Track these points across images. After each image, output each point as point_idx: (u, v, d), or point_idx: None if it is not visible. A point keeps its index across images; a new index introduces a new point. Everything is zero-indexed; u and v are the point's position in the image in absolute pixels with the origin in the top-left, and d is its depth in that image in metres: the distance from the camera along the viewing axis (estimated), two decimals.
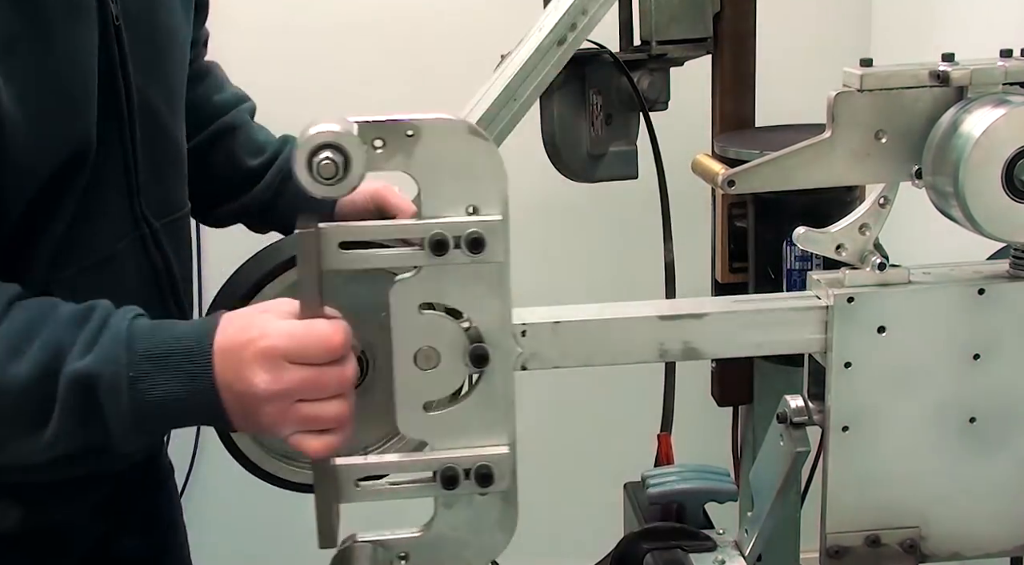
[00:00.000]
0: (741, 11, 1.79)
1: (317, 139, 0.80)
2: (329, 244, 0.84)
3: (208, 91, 1.29)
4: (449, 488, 0.89)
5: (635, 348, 0.91)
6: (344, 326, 0.86)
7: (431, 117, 0.84)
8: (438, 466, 0.89)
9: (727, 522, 1.07)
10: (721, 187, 0.91)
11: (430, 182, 0.84)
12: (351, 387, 0.87)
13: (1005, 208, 0.84)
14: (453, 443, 0.89)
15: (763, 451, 1.00)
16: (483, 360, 0.87)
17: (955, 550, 0.94)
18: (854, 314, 0.89)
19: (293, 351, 0.84)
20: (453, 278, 0.86)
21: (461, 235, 0.84)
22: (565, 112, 1.77)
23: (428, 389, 0.88)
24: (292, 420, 0.85)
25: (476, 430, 0.89)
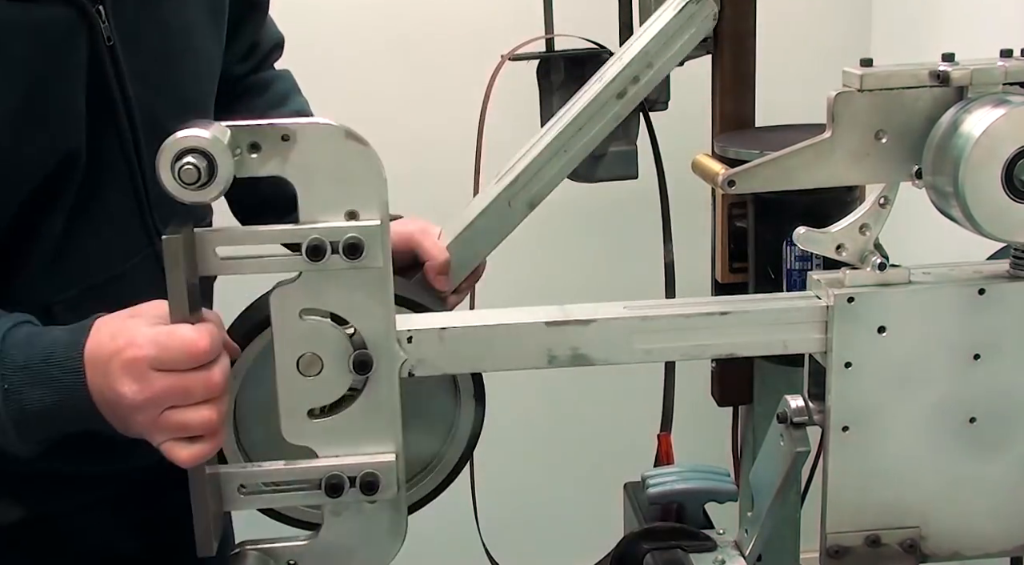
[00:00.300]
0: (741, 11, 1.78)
1: (180, 144, 0.79)
2: (206, 249, 0.84)
3: (265, 105, 1.28)
4: (333, 496, 0.88)
5: (523, 354, 0.91)
6: (210, 330, 0.85)
7: (306, 121, 0.84)
8: (323, 474, 0.88)
9: (727, 522, 1.07)
10: (721, 187, 0.91)
11: (307, 187, 0.84)
12: (220, 392, 0.85)
13: (1005, 208, 0.84)
14: (338, 451, 0.88)
15: (763, 451, 1.00)
16: (366, 367, 0.87)
17: (955, 550, 0.94)
18: (854, 314, 0.89)
19: (157, 359, 0.83)
20: (333, 284, 0.85)
21: (339, 240, 0.84)
22: None
23: (312, 396, 0.88)
24: (162, 428, 0.84)
25: (361, 438, 0.89)
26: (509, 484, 2.19)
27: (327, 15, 2.20)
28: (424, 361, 0.89)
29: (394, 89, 2.23)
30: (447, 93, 2.19)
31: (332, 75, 2.21)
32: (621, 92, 1.01)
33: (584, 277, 2.32)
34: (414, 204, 2.31)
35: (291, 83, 1.35)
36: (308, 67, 2.19)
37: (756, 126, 1.82)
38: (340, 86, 2.21)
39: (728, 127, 1.81)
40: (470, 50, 2.07)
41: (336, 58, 2.21)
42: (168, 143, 0.79)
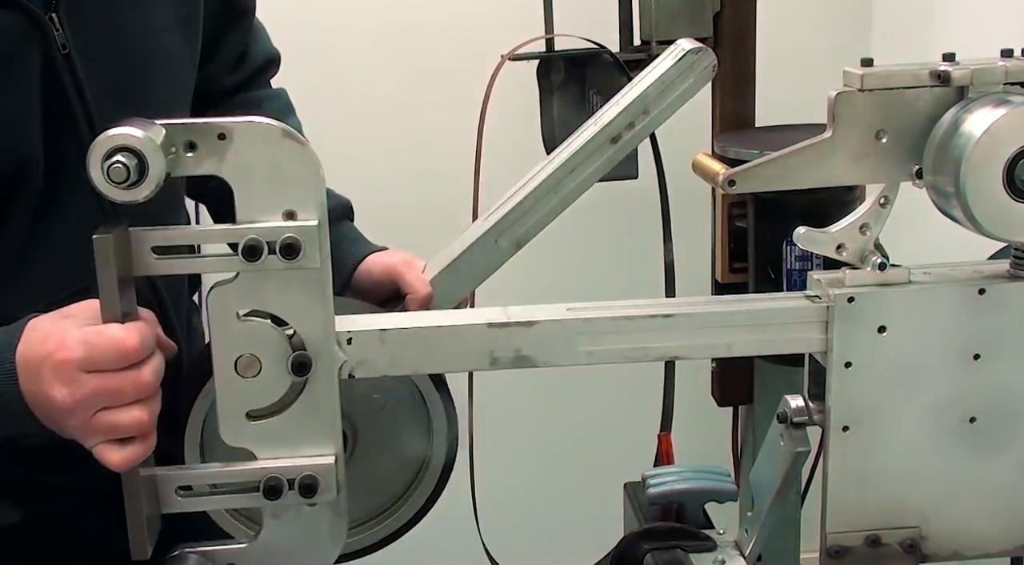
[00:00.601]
0: (741, 11, 1.79)
1: (110, 142, 0.79)
2: (142, 248, 0.83)
3: None
4: (272, 498, 0.87)
5: (465, 356, 0.90)
6: (140, 328, 0.84)
7: (243, 119, 0.83)
8: (261, 476, 0.87)
9: (727, 522, 1.07)
10: (721, 187, 0.90)
11: (244, 186, 0.83)
12: (151, 392, 0.85)
13: (1006, 208, 0.84)
14: (277, 453, 0.88)
15: (763, 451, 1.00)
16: (304, 368, 0.86)
17: (955, 550, 0.94)
18: (854, 314, 0.89)
19: (87, 359, 0.82)
20: (271, 284, 0.85)
21: (276, 241, 0.83)
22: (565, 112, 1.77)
23: (250, 397, 0.87)
24: (93, 430, 0.84)
25: (300, 440, 0.88)
26: (509, 484, 2.19)
27: (327, 15, 2.21)
28: (364, 363, 0.88)
29: (394, 89, 2.24)
30: (447, 93, 2.19)
31: (332, 75, 2.21)
32: (616, 137, 1.01)
33: (584, 277, 2.32)
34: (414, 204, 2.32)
35: (284, 103, 1.32)
36: (308, 68, 2.19)
37: (756, 126, 1.83)
38: (340, 86, 2.21)
39: (728, 127, 1.81)
40: (470, 50, 2.07)
41: (336, 58, 2.21)
42: (98, 141, 0.79)
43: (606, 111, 1.02)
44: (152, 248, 0.84)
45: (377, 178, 2.24)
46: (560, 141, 1.77)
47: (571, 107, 1.77)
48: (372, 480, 1.02)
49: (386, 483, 1.04)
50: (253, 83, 1.27)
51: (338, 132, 2.18)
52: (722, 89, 1.82)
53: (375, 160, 2.22)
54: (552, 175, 1.02)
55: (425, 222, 2.22)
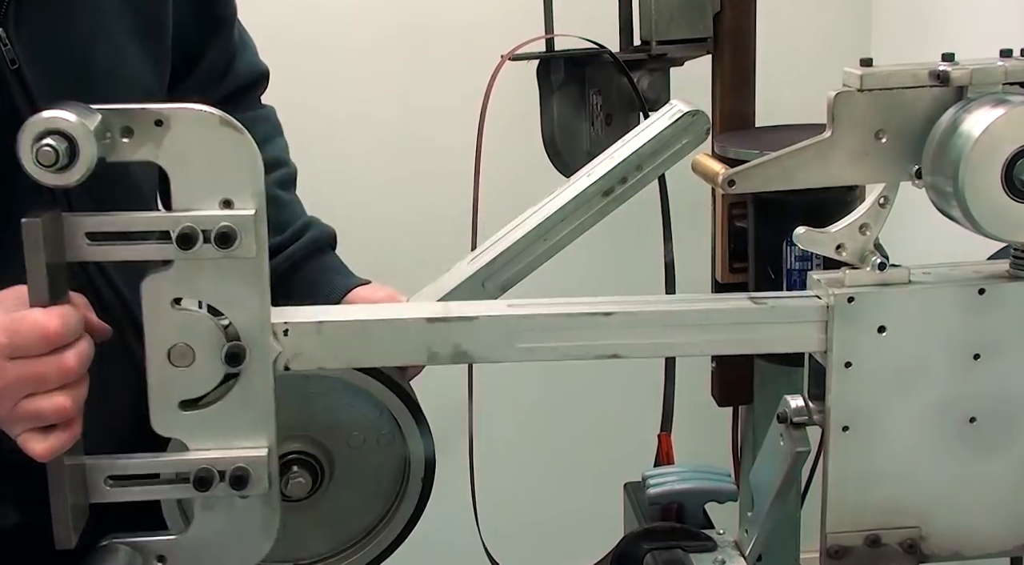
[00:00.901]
0: (741, 11, 1.79)
1: (41, 125, 0.78)
2: (74, 234, 0.82)
3: None
4: (202, 490, 0.87)
5: (403, 350, 0.89)
6: (63, 312, 0.82)
7: (180, 106, 0.82)
8: (192, 467, 0.86)
9: (727, 522, 1.07)
10: (721, 187, 0.90)
11: (181, 173, 0.83)
12: (76, 377, 0.83)
13: (1005, 208, 0.84)
14: (209, 444, 0.87)
15: (763, 451, 1.00)
16: (238, 359, 0.85)
17: (955, 550, 0.94)
18: (854, 314, 0.89)
19: (9, 345, 0.81)
20: (206, 273, 0.84)
21: (211, 229, 0.82)
22: (565, 112, 1.77)
23: (183, 387, 0.86)
24: (18, 419, 0.82)
25: (233, 431, 0.87)
26: (509, 484, 2.19)
27: (327, 15, 2.21)
28: (301, 355, 0.88)
29: (394, 89, 2.24)
30: (447, 93, 2.19)
31: (332, 75, 2.21)
32: (608, 190, 1.01)
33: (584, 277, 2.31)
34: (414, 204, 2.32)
35: (271, 126, 1.28)
36: (308, 68, 2.19)
37: (756, 126, 1.83)
38: (340, 86, 2.22)
39: (728, 127, 1.81)
40: (470, 50, 2.07)
41: (336, 58, 2.21)
42: (29, 123, 0.78)
43: (599, 164, 1.02)
44: (85, 234, 0.83)
45: (377, 178, 2.24)
46: (560, 141, 1.78)
47: (571, 107, 1.77)
48: (332, 520, 1.02)
49: (366, 509, 1.03)
50: (241, 100, 1.24)
51: (338, 132, 2.18)
52: (722, 89, 1.82)
53: (375, 160, 2.22)
54: (542, 223, 1.01)
55: (425, 222, 2.22)
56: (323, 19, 2.20)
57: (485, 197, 1.44)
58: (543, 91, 1.78)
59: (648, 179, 1.02)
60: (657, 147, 1.01)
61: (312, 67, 2.19)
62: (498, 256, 1.01)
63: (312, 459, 0.97)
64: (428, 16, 2.22)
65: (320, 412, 0.98)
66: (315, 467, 0.98)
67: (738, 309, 0.90)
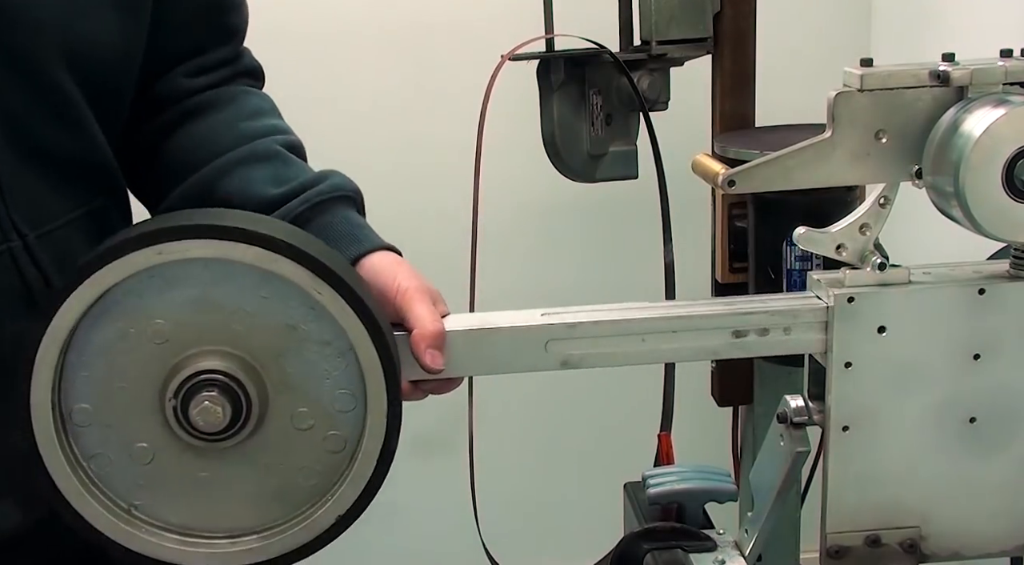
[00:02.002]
0: (741, 11, 1.79)
1: None
2: None
3: (228, 121, 1.09)
4: None
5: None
6: None
7: None
8: None
9: (727, 522, 1.07)
10: (721, 187, 0.90)
11: None
12: None
13: (1005, 208, 0.84)
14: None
15: (763, 451, 1.00)
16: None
17: (955, 550, 0.94)
18: (854, 314, 0.89)
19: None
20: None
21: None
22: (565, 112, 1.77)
23: None
24: None
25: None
26: (509, 484, 2.19)
27: (327, 15, 2.20)
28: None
29: (394, 89, 2.23)
30: (447, 93, 2.19)
31: (332, 75, 2.21)
32: (742, 332, 0.90)
33: (583, 277, 2.32)
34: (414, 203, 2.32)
35: (269, 103, 1.15)
36: (308, 68, 2.19)
37: (756, 126, 1.83)
38: (340, 86, 2.21)
39: (728, 127, 1.81)
40: (470, 50, 2.07)
41: (336, 58, 2.21)
42: None
43: (745, 304, 0.92)
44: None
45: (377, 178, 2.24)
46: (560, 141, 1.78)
47: (571, 107, 1.77)
48: (269, 476, 0.87)
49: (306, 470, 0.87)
50: (212, 85, 1.12)
51: (338, 132, 2.18)
52: (722, 89, 1.82)
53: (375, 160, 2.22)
54: (649, 321, 0.90)
55: (425, 222, 2.22)
56: (323, 19, 2.20)
57: (485, 197, 1.44)
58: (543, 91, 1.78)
59: (772, 346, 0.91)
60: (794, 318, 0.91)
61: (312, 67, 2.19)
62: (578, 326, 0.90)
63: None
64: (428, 16, 2.22)
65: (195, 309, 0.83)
66: (235, 392, 0.83)
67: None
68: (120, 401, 0.84)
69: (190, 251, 0.80)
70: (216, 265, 0.81)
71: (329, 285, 0.82)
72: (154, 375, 0.83)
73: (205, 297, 0.83)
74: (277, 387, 0.84)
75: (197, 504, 0.86)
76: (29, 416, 0.82)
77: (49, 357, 0.81)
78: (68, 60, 0.95)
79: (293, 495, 0.87)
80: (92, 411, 0.84)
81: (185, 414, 0.82)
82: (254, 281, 0.82)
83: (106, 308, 0.82)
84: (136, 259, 0.80)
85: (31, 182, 0.94)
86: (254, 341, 0.83)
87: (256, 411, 0.83)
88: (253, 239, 0.81)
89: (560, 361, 0.90)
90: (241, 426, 0.83)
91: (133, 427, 0.84)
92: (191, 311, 0.82)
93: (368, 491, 0.86)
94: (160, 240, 0.80)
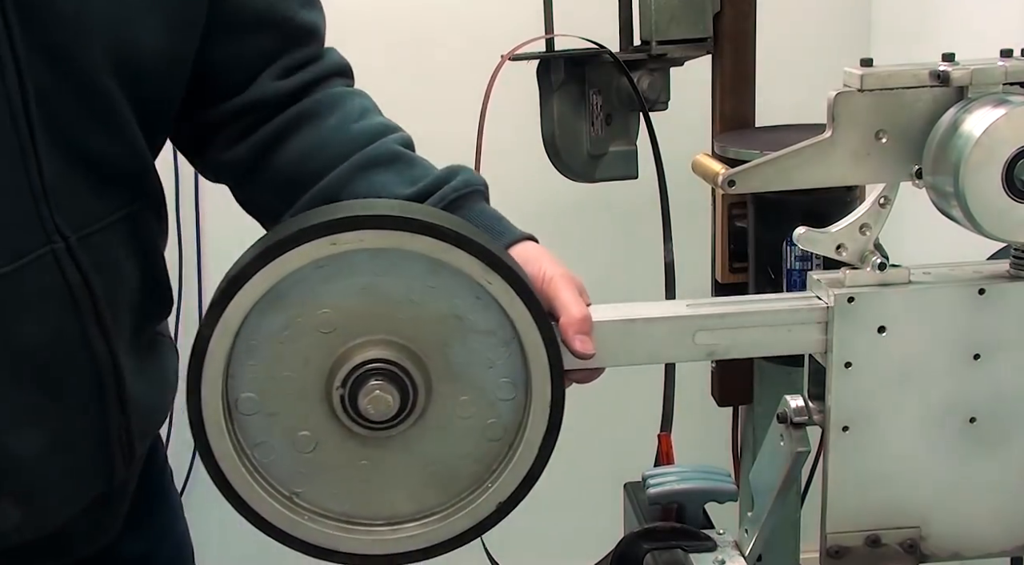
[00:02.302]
0: (741, 11, 1.79)
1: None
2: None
3: (340, 122, 1.08)
4: None
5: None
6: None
7: None
8: None
9: (727, 522, 1.07)
10: (721, 187, 0.90)
11: None
12: None
13: (1005, 208, 0.84)
14: None
15: (763, 451, 1.00)
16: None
17: (955, 550, 0.94)
18: (854, 314, 0.89)
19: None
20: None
21: None
22: (565, 112, 1.77)
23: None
24: None
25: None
26: None
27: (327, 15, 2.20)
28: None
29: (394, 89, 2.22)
30: (447, 93, 2.19)
31: None
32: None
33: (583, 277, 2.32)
34: None
35: (370, 101, 1.14)
36: None
37: (756, 126, 1.83)
38: None
39: (728, 127, 1.81)
40: (470, 50, 2.07)
41: None
42: None
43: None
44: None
45: None
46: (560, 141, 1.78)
47: (571, 107, 1.77)
48: (429, 464, 0.88)
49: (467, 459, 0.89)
50: (304, 90, 1.11)
51: None
52: (722, 89, 1.82)
53: None
54: (794, 312, 0.91)
55: None
56: None
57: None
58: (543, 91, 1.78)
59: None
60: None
61: None
62: (728, 316, 0.90)
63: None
64: (428, 16, 2.22)
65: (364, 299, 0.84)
66: (403, 381, 0.84)
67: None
68: (285, 390, 0.85)
69: (364, 241, 0.82)
70: (384, 255, 0.83)
71: (499, 275, 0.83)
72: (320, 364, 0.84)
73: (373, 287, 0.84)
74: (440, 376, 0.85)
75: (357, 492, 0.87)
76: (200, 404, 0.83)
77: (221, 346, 0.82)
78: (115, 65, 0.95)
79: (451, 483, 0.89)
80: (257, 400, 0.85)
81: (353, 402, 0.83)
82: (422, 271, 0.84)
83: (275, 298, 0.83)
84: (310, 249, 0.81)
85: (74, 185, 0.95)
86: (419, 330, 0.84)
87: (421, 400, 0.84)
88: (427, 229, 0.82)
89: (707, 352, 0.90)
90: (407, 415, 0.84)
91: (297, 416, 0.85)
92: (358, 300, 0.84)
93: (529, 479, 0.90)
94: (335, 230, 0.81)
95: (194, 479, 2.18)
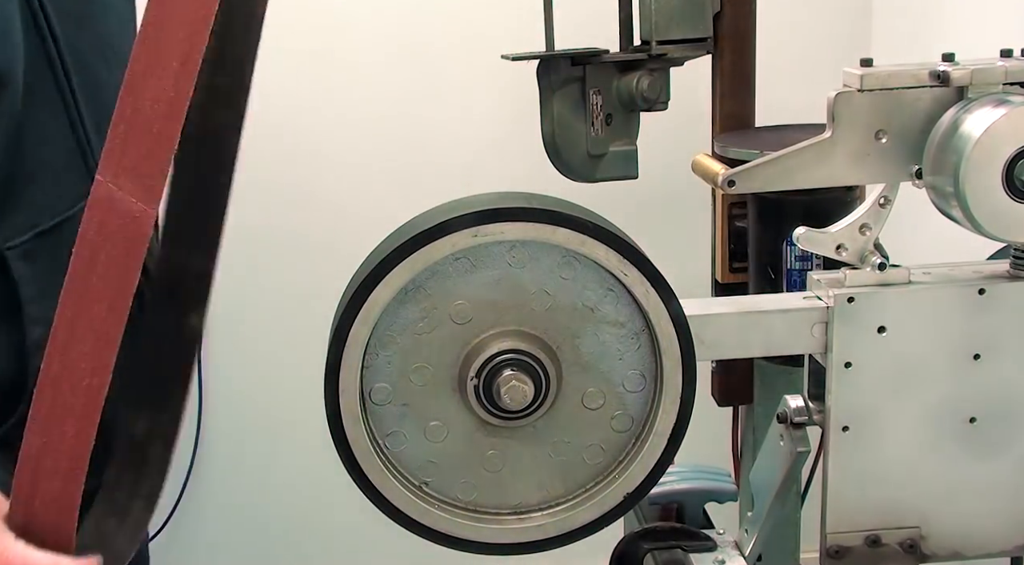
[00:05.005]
0: (741, 11, 1.79)
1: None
2: None
3: None
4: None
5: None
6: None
7: None
8: None
9: (727, 522, 1.07)
10: (721, 187, 0.91)
11: None
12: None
13: (1005, 208, 0.84)
14: None
15: (763, 451, 1.00)
16: None
17: (955, 550, 0.94)
18: (854, 314, 0.89)
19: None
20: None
21: None
22: (565, 112, 1.77)
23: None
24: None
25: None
26: None
27: (328, 15, 2.20)
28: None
29: (394, 89, 2.23)
30: (447, 93, 2.19)
31: (331, 75, 2.21)
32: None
33: None
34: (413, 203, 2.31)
35: None
36: (310, 67, 2.19)
37: (756, 126, 1.83)
38: (340, 86, 2.21)
39: (728, 127, 1.81)
40: (470, 50, 2.07)
41: (336, 58, 2.21)
42: None
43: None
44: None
45: (377, 178, 2.24)
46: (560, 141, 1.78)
47: (571, 107, 1.77)
48: (556, 456, 0.90)
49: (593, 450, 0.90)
50: None
51: (338, 132, 2.18)
52: (722, 89, 1.81)
53: (375, 160, 2.22)
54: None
55: None
56: (322, 19, 2.20)
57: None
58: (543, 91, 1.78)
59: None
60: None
61: (312, 67, 2.19)
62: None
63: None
64: (428, 16, 2.22)
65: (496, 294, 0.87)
66: (536, 371, 0.86)
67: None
68: (418, 380, 0.87)
69: (505, 234, 0.84)
70: (520, 247, 0.85)
71: (635, 267, 0.86)
72: (453, 354, 0.86)
73: (508, 279, 0.86)
74: (571, 367, 0.87)
75: (484, 481, 0.89)
76: (337, 393, 0.85)
77: (360, 336, 0.84)
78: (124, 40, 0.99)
79: (576, 473, 0.90)
80: (391, 390, 0.87)
81: (488, 393, 0.85)
82: (557, 263, 0.86)
83: (412, 289, 0.85)
84: (452, 242, 0.83)
85: (102, 138, 0.98)
86: (552, 322, 0.86)
87: (553, 390, 0.86)
88: (566, 222, 0.84)
89: (824, 344, 0.90)
90: (539, 405, 0.86)
91: (429, 405, 0.87)
92: (493, 292, 0.86)
93: (657, 470, 0.90)
94: (477, 223, 0.83)
95: (194, 479, 2.18)
